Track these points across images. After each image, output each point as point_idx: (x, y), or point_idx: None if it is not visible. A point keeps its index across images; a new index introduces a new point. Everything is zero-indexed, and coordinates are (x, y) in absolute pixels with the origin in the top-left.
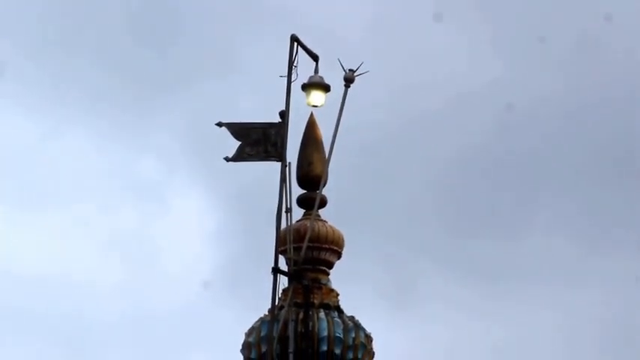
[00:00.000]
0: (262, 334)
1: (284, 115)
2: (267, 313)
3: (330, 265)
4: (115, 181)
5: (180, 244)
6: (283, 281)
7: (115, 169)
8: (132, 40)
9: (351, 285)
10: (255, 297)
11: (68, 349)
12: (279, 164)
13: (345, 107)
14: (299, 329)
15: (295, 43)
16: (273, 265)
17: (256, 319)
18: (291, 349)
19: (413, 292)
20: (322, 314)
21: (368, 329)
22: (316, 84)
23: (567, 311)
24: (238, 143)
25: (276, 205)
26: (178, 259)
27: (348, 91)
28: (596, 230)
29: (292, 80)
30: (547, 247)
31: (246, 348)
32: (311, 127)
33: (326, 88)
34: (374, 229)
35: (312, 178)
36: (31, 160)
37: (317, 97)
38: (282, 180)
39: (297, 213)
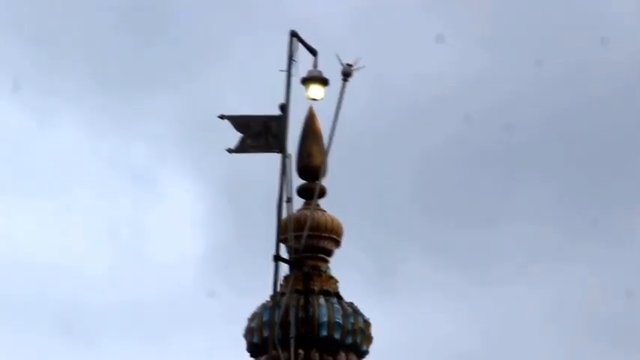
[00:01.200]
0: (264, 319)
1: (284, 108)
2: (268, 299)
3: (330, 253)
4: (106, 169)
5: (171, 230)
6: (284, 269)
7: (106, 156)
8: (123, 29)
9: (341, 271)
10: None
11: (60, 334)
12: (273, 155)
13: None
14: (299, 315)
15: (294, 39)
16: (274, 253)
17: (249, 303)
18: (292, 334)
19: (397, 277)
20: (322, 300)
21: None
22: (315, 78)
23: (547, 295)
24: (233, 133)
25: (277, 195)
26: (169, 245)
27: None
28: (574, 216)
29: (292, 75)
30: (526, 233)
31: (248, 333)
32: (310, 119)
33: (325, 82)
34: (362, 217)
35: (311, 169)
36: (23, 148)
37: (316, 90)
38: (283, 171)
39: (298, 203)
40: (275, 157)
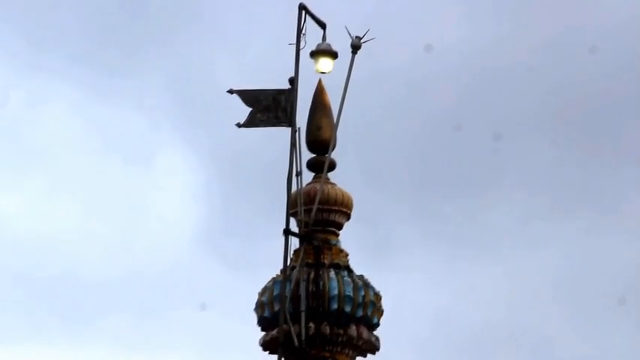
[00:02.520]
0: (275, 293)
1: (293, 81)
2: (279, 273)
3: (340, 227)
4: (100, 141)
5: (166, 202)
6: (294, 242)
7: (98, 129)
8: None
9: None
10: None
11: (58, 309)
12: (272, 128)
13: (351, 73)
14: (310, 288)
15: (303, 11)
16: (284, 227)
17: (248, 276)
18: (302, 308)
19: (390, 247)
20: (332, 274)
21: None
22: (324, 51)
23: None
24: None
25: (287, 169)
26: (164, 217)
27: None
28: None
29: (301, 48)
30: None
31: (259, 307)
32: (319, 93)
33: (334, 55)
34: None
35: (321, 142)
36: (16, 122)
37: (325, 63)
38: (293, 144)
39: (307, 176)
40: (273, 129)
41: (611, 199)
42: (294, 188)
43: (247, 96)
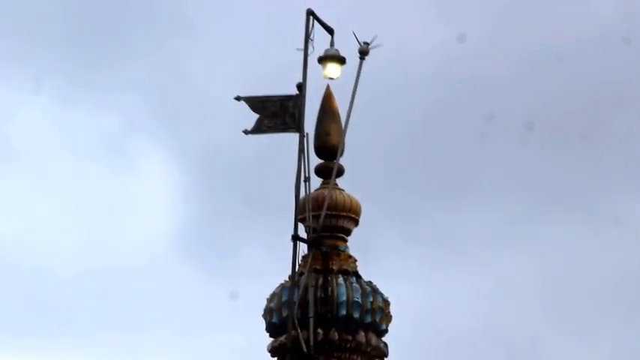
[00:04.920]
0: (283, 299)
1: (301, 87)
2: (287, 279)
3: (348, 232)
4: (80, 139)
5: (145, 201)
6: (303, 248)
7: (78, 127)
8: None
9: None
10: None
11: (35, 304)
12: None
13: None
14: (318, 294)
15: (311, 17)
16: (292, 233)
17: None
18: (311, 314)
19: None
20: (341, 280)
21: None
22: (332, 57)
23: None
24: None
25: (295, 175)
26: (142, 216)
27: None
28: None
29: (309, 53)
30: (493, 204)
31: (267, 313)
32: (328, 98)
33: (342, 61)
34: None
35: (329, 148)
36: None
37: (333, 69)
38: (301, 150)
39: (315, 182)
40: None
41: (593, 201)
42: (302, 194)
43: (254, 103)
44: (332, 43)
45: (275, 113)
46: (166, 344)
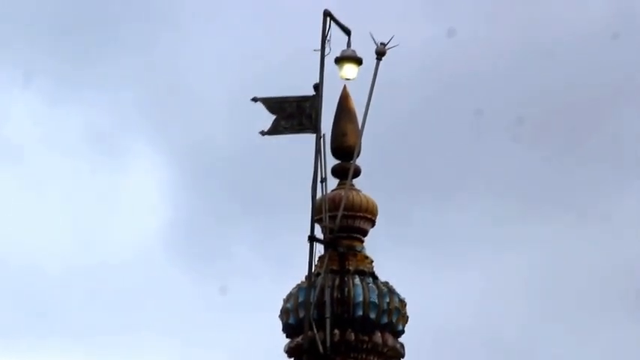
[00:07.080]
0: (300, 300)
1: (318, 88)
2: (304, 280)
3: (365, 233)
4: (68, 136)
5: (134, 198)
6: (319, 249)
7: (67, 124)
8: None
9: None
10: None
11: (23, 300)
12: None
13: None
14: (335, 295)
15: (328, 18)
16: (309, 233)
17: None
18: (327, 315)
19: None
20: (357, 280)
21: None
22: (349, 57)
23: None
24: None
25: (312, 176)
26: (132, 214)
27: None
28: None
29: (326, 54)
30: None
31: (284, 314)
32: (344, 99)
33: (358, 62)
34: None
35: (345, 148)
36: None
37: (350, 70)
38: (317, 151)
39: (332, 183)
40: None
41: (582, 200)
42: (318, 195)
43: (271, 103)
44: (349, 44)
45: (292, 114)
46: (154, 342)
